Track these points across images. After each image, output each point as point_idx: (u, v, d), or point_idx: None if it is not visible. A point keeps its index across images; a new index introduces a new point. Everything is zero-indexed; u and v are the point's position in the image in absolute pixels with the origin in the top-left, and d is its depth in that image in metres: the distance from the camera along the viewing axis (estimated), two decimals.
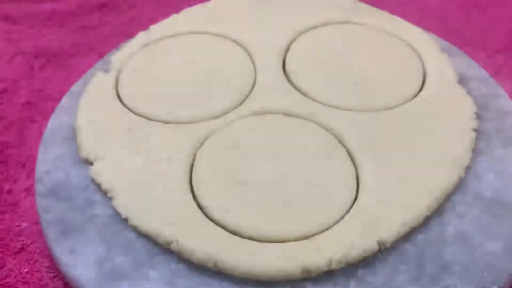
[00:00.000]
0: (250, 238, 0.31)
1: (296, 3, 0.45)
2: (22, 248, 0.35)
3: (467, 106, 0.38)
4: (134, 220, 0.32)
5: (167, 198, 0.33)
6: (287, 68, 0.40)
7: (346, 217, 0.32)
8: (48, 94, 0.44)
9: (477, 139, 0.37)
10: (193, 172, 0.34)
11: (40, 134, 0.39)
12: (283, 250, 0.31)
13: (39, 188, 0.35)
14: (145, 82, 0.39)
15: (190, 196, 0.33)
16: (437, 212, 0.33)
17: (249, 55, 0.41)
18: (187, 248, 0.31)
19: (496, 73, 0.44)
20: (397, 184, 0.33)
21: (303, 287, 0.30)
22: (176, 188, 0.33)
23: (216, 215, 0.32)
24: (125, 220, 0.33)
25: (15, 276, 0.34)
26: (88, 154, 0.35)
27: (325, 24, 0.43)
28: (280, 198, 0.32)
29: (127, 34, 0.44)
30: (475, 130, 0.37)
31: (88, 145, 0.36)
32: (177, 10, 0.44)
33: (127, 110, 0.38)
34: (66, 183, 0.35)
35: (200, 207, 0.33)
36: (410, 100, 0.38)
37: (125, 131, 0.36)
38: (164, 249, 0.32)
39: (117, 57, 0.41)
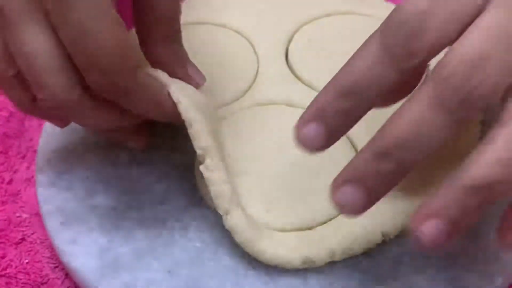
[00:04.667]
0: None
1: None
2: (23, 239, 0.35)
3: None
4: None
5: None
6: (290, 58, 0.40)
7: None
8: None
9: (482, 131, 0.36)
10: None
11: (41, 124, 0.39)
12: (285, 240, 0.30)
13: (40, 178, 0.35)
14: None
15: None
16: None
17: (252, 45, 0.40)
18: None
19: None
20: None
21: (306, 278, 0.30)
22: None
23: None
24: None
25: (16, 267, 0.33)
26: None
27: (328, 15, 0.43)
28: (283, 188, 0.32)
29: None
30: (481, 122, 0.36)
31: None
32: None
33: None
34: (67, 173, 0.35)
35: None
36: None
37: None
38: (166, 240, 0.31)
39: None
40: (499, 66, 0.23)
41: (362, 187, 0.25)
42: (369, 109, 0.25)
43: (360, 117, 0.25)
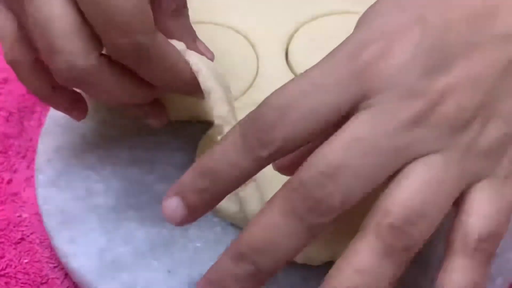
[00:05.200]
0: None
1: None
2: (22, 239, 0.35)
3: None
4: None
5: None
6: (290, 58, 0.40)
7: None
8: None
9: None
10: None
11: (41, 124, 0.39)
12: None
13: (40, 178, 0.35)
14: None
15: None
16: None
17: (252, 45, 0.40)
18: None
19: None
20: None
21: (306, 278, 0.30)
22: None
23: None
24: None
25: (15, 267, 0.33)
26: None
27: (328, 14, 0.43)
28: None
29: None
30: None
31: None
32: None
33: None
34: (67, 173, 0.35)
35: None
36: None
37: None
38: (166, 239, 0.31)
39: None
40: (354, 177, 0.23)
41: None
42: (228, 192, 0.25)
43: (220, 197, 0.25)
